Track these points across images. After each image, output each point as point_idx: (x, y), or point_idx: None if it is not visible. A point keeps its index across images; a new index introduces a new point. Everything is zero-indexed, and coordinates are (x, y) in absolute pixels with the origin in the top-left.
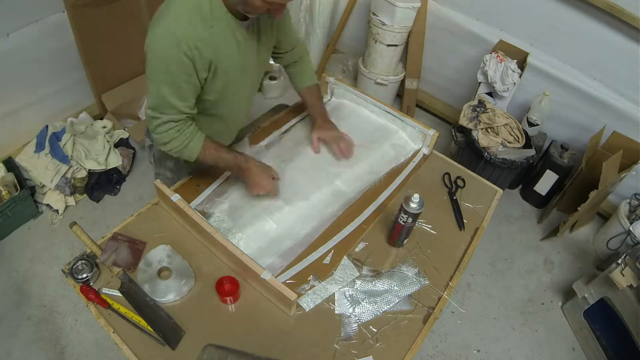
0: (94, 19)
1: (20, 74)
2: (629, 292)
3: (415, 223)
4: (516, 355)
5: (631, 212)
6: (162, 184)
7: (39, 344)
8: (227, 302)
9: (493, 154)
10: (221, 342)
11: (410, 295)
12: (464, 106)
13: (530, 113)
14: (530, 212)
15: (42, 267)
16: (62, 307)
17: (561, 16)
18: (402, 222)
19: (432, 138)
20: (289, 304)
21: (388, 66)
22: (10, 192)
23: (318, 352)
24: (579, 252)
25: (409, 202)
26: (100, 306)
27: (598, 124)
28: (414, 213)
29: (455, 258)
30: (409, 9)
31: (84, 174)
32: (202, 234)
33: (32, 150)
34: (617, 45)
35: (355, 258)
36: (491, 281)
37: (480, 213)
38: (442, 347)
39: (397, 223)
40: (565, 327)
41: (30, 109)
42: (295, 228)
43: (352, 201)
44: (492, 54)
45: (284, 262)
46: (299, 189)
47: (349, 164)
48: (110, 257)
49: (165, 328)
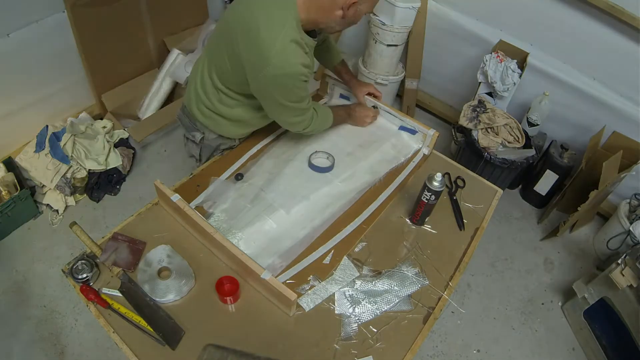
0: (94, 19)
1: (20, 74)
2: (629, 292)
3: (437, 201)
4: (516, 355)
5: (631, 212)
6: (162, 184)
7: (39, 344)
8: (227, 302)
9: (493, 154)
10: (221, 342)
11: (410, 296)
12: (464, 106)
13: (530, 113)
14: (530, 212)
15: (42, 267)
16: (62, 307)
17: (561, 16)
18: (425, 200)
19: (432, 138)
20: (289, 304)
21: (388, 66)
22: (10, 192)
23: (318, 352)
24: (579, 252)
25: (432, 181)
26: (100, 306)
27: (598, 124)
28: (436, 191)
29: (455, 258)
30: (409, 9)
31: (84, 174)
32: (202, 234)
33: (32, 150)
34: (617, 45)
35: (355, 258)
36: (491, 281)
37: (480, 213)
38: (442, 347)
39: (421, 200)
40: (565, 327)
41: (30, 109)
42: (295, 228)
43: (352, 201)
44: (492, 54)
45: (284, 262)
46: (299, 189)
47: (349, 164)
48: (110, 257)
49: (165, 328)
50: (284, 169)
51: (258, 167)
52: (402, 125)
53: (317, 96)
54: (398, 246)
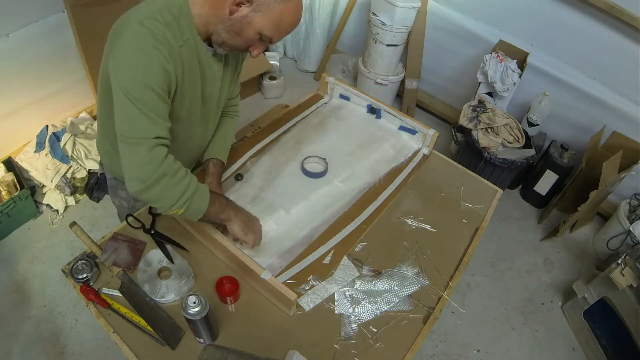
0: (94, 19)
1: (20, 74)
2: (629, 292)
3: None
4: (516, 355)
5: (631, 212)
6: None
7: (39, 344)
8: (227, 302)
9: (493, 154)
10: (221, 342)
11: (410, 296)
12: (464, 106)
13: (530, 113)
14: (530, 212)
15: (42, 267)
16: (62, 307)
17: (561, 16)
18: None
19: (432, 138)
20: (289, 304)
21: (388, 66)
22: (10, 192)
23: (318, 352)
24: (579, 252)
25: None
26: (100, 306)
27: (598, 124)
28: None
29: (455, 258)
30: (409, 9)
31: (84, 174)
32: (202, 234)
33: (32, 150)
34: (617, 45)
35: (355, 258)
36: (491, 281)
37: (480, 213)
38: (442, 347)
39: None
40: (565, 327)
41: (30, 109)
42: (295, 228)
43: (352, 201)
44: (492, 54)
45: (284, 262)
46: (298, 189)
47: (349, 164)
48: (110, 257)
49: (165, 328)
50: (284, 169)
51: (258, 167)
52: (402, 125)
53: (317, 96)
54: (398, 246)
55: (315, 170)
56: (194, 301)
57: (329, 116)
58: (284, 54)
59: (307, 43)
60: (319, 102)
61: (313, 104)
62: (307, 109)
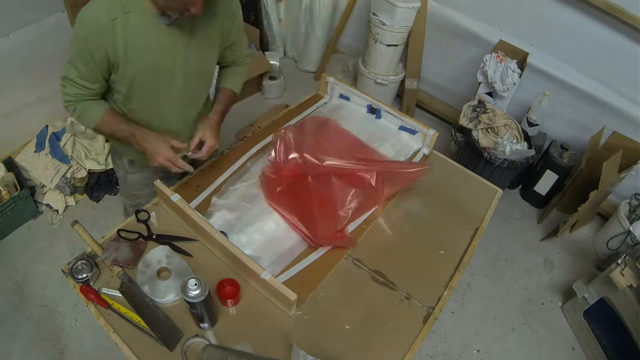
0: None
1: (20, 74)
2: (629, 292)
3: None
4: (516, 355)
5: (631, 212)
6: (162, 183)
7: (39, 344)
8: (228, 305)
9: (493, 154)
10: (221, 342)
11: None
12: (464, 106)
13: (530, 113)
14: (530, 212)
15: (42, 267)
16: (62, 307)
17: (561, 16)
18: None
19: (432, 138)
20: (289, 304)
21: (388, 66)
22: (10, 192)
23: (318, 352)
24: (579, 252)
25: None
26: (100, 306)
27: (598, 124)
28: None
29: (455, 258)
30: (409, 9)
31: (84, 174)
32: (202, 234)
33: (32, 150)
34: (617, 45)
35: (356, 258)
36: (491, 281)
37: (480, 213)
38: (442, 347)
39: None
40: (565, 327)
41: (30, 109)
42: None
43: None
44: (492, 54)
45: (284, 262)
46: None
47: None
48: (111, 255)
49: (164, 329)
50: None
51: (258, 167)
52: (402, 125)
53: (317, 96)
54: (398, 246)
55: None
56: (195, 283)
57: (329, 116)
58: (284, 54)
59: (307, 43)
60: (319, 102)
61: (313, 104)
62: (307, 109)
